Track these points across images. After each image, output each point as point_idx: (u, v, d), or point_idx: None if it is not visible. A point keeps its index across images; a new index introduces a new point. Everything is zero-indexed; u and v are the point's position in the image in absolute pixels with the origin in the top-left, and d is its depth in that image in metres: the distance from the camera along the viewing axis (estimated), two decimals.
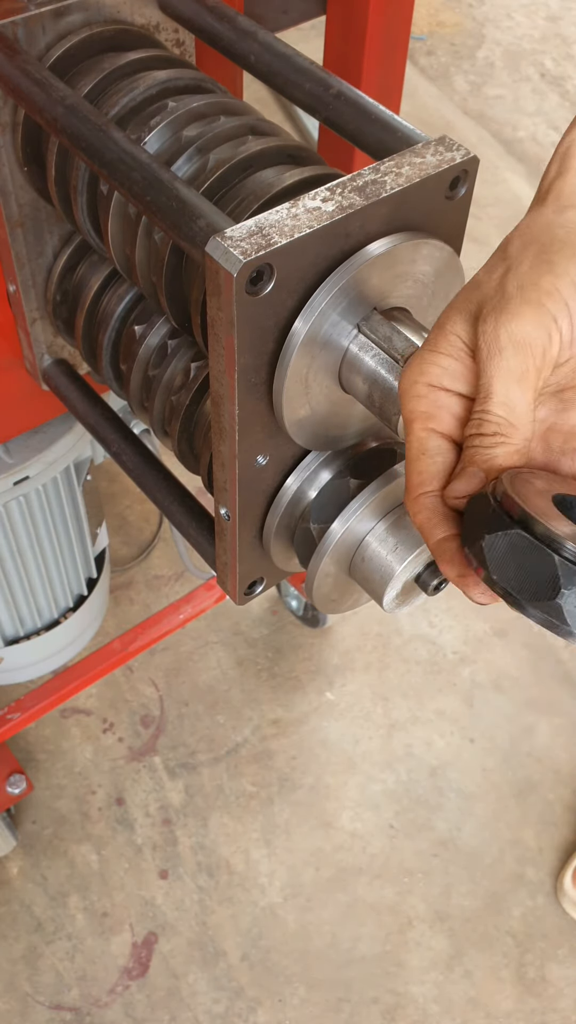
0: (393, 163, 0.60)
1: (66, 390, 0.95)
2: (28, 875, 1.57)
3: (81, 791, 1.65)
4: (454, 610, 1.90)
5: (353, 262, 0.58)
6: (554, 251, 0.51)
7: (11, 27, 0.75)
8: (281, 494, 0.69)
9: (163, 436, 0.83)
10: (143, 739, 1.71)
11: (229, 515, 0.69)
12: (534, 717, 1.78)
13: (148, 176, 0.63)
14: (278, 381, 0.60)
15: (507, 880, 1.61)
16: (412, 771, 1.71)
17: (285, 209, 0.57)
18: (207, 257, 0.55)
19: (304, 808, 1.66)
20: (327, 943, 1.54)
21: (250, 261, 0.54)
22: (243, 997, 1.49)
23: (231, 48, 0.77)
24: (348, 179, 0.59)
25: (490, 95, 2.99)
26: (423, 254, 0.62)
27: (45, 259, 0.88)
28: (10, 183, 0.81)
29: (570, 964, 1.54)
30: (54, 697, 1.40)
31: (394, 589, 0.67)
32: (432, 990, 1.51)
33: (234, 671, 1.79)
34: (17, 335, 0.95)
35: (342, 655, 1.83)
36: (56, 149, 0.76)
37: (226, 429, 0.63)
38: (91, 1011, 1.47)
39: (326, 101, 0.71)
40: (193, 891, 1.57)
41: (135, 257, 0.72)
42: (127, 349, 0.82)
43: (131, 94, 0.74)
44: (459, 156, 0.61)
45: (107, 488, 1.99)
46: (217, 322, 0.57)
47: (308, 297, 0.59)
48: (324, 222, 0.56)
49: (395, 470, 0.67)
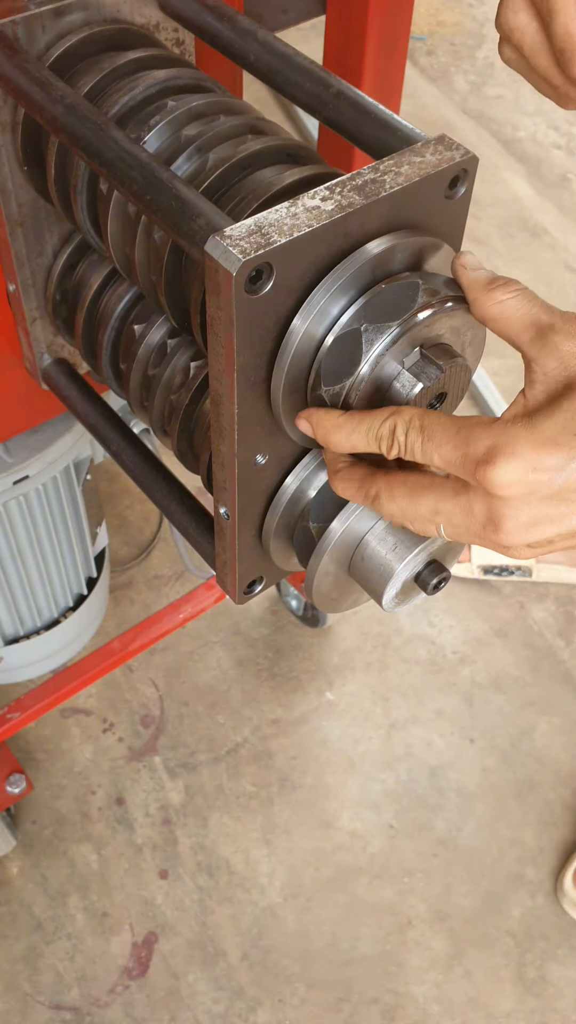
0: (392, 162, 0.60)
1: (66, 389, 0.95)
2: (28, 875, 1.57)
3: (81, 791, 1.65)
4: (454, 610, 1.90)
5: (352, 260, 0.58)
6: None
7: (11, 26, 0.75)
8: (280, 493, 0.69)
9: (162, 435, 0.83)
10: (143, 739, 1.71)
11: (228, 514, 0.69)
12: (534, 717, 1.78)
13: (147, 175, 0.63)
14: (276, 379, 0.60)
15: (507, 880, 1.61)
16: (412, 771, 1.71)
17: (284, 208, 0.57)
18: (206, 256, 0.55)
19: (304, 808, 1.66)
20: (327, 943, 1.54)
21: (249, 260, 0.54)
22: (243, 997, 1.49)
23: (231, 47, 0.77)
24: (347, 178, 0.59)
25: (490, 95, 2.99)
26: (423, 253, 0.62)
27: (45, 258, 0.88)
28: (10, 182, 0.81)
29: (570, 964, 1.54)
30: (54, 697, 1.40)
31: (393, 588, 0.67)
32: (432, 990, 1.51)
33: (234, 671, 1.80)
34: (17, 334, 0.96)
35: (342, 655, 1.83)
36: (56, 148, 0.76)
37: (225, 428, 0.63)
38: (91, 1011, 1.47)
39: (326, 100, 0.71)
40: (193, 891, 1.57)
41: (135, 256, 0.72)
42: (127, 348, 0.82)
43: (131, 93, 0.74)
44: (458, 155, 0.61)
45: (107, 488, 1.99)
46: (216, 321, 0.57)
47: (307, 296, 0.59)
48: (323, 221, 0.56)
49: None
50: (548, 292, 2.45)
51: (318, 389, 0.60)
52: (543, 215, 2.64)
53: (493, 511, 0.53)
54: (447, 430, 0.54)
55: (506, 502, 0.52)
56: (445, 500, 0.55)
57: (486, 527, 0.53)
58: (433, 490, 0.56)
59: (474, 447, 0.52)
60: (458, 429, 0.53)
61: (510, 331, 0.56)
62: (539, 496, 0.51)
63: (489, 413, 2.17)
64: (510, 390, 2.23)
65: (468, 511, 0.54)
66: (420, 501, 0.56)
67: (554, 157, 2.81)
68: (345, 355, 0.59)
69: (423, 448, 0.55)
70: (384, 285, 0.59)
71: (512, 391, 2.23)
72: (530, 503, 0.51)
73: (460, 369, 0.60)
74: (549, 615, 1.90)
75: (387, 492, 0.58)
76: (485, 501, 0.53)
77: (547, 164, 2.79)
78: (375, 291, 0.59)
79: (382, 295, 0.59)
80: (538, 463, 0.50)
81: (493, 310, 0.56)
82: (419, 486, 0.57)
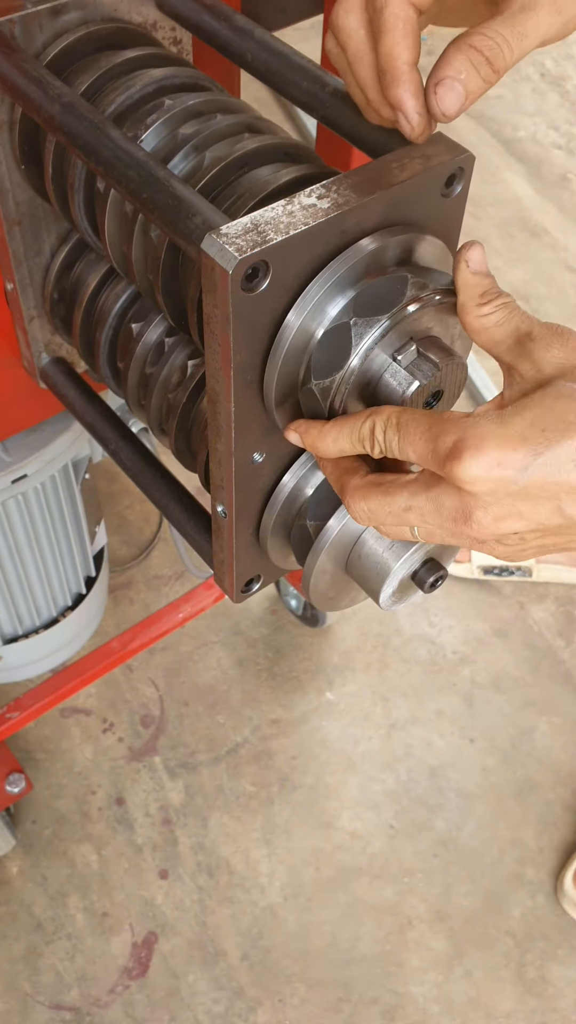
0: (389, 161, 0.60)
1: (64, 388, 0.95)
2: (28, 875, 1.57)
3: (81, 791, 1.65)
4: (454, 609, 1.90)
5: (347, 256, 0.58)
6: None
7: (8, 25, 0.75)
8: (277, 491, 0.69)
9: (160, 434, 0.83)
10: (143, 739, 1.71)
11: (226, 513, 0.69)
12: (534, 717, 1.78)
13: (144, 174, 0.63)
14: (269, 374, 0.60)
15: (507, 880, 1.61)
16: (412, 771, 1.71)
17: (281, 206, 0.57)
18: (203, 254, 0.55)
19: (304, 808, 1.66)
20: (327, 943, 1.54)
21: (245, 258, 0.54)
22: (243, 997, 1.49)
23: (228, 46, 0.77)
24: (344, 176, 0.59)
25: (490, 95, 2.99)
26: (416, 249, 0.62)
27: (42, 257, 0.88)
28: (7, 181, 0.81)
29: (570, 964, 1.54)
30: (53, 696, 1.41)
31: (391, 586, 0.67)
32: (432, 990, 1.51)
33: (234, 671, 1.79)
34: (15, 333, 0.96)
35: (342, 655, 1.83)
36: (53, 147, 0.76)
37: (222, 426, 0.63)
38: (91, 1011, 1.47)
39: (323, 99, 0.71)
40: (193, 891, 1.57)
41: (132, 255, 0.72)
42: (124, 347, 0.82)
43: (128, 92, 0.74)
44: (455, 154, 0.61)
45: (106, 488, 1.99)
46: (213, 319, 0.57)
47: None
48: (320, 219, 0.56)
49: None
50: (548, 292, 2.45)
51: (308, 383, 0.60)
52: (543, 215, 2.64)
53: (463, 504, 0.53)
54: (420, 425, 0.54)
55: (475, 496, 0.52)
56: (416, 495, 0.55)
57: (456, 520, 0.54)
58: (406, 487, 0.56)
59: (443, 441, 0.52)
60: (430, 424, 0.54)
61: (490, 343, 0.57)
62: (506, 491, 0.51)
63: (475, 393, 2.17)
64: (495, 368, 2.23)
65: (439, 504, 0.54)
66: (392, 499, 0.57)
67: (554, 157, 2.81)
68: (335, 349, 0.59)
69: (400, 444, 0.55)
70: (373, 279, 0.59)
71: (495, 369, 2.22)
72: (498, 497, 0.52)
73: (456, 367, 0.60)
74: (549, 615, 1.90)
75: (360, 492, 0.58)
76: (454, 495, 0.53)
77: (547, 164, 2.79)
78: (364, 285, 0.59)
79: (371, 289, 0.59)
80: (504, 459, 0.51)
81: (475, 323, 0.57)
82: (392, 485, 0.57)
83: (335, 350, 0.59)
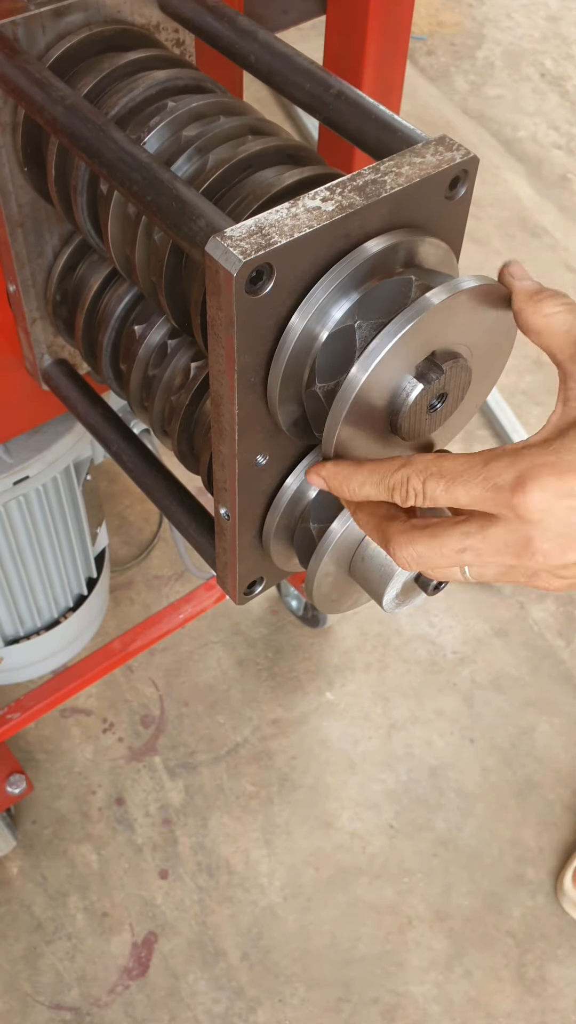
0: (393, 163, 0.60)
1: (66, 390, 0.95)
2: (28, 875, 1.57)
3: (81, 791, 1.65)
4: (454, 610, 1.90)
5: (352, 258, 0.58)
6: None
7: (11, 27, 0.75)
8: (281, 494, 0.69)
9: (163, 436, 0.83)
10: (143, 739, 1.71)
11: (229, 515, 0.69)
12: (534, 717, 1.78)
13: (148, 176, 0.63)
14: (273, 377, 0.60)
15: (507, 880, 1.61)
16: (412, 771, 1.71)
17: (285, 209, 0.57)
18: (207, 257, 0.55)
19: (304, 808, 1.66)
20: (327, 943, 1.54)
21: (250, 261, 0.54)
22: (243, 997, 1.49)
23: (231, 48, 0.77)
24: (348, 179, 0.59)
25: (490, 95, 3.00)
26: (420, 251, 0.62)
27: (45, 259, 0.88)
28: (10, 183, 0.81)
29: (570, 964, 1.54)
30: (54, 697, 1.40)
31: (394, 589, 0.67)
32: (432, 990, 1.51)
33: (234, 671, 1.80)
34: (17, 335, 0.96)
35: (342, 655, 1.83)
36: (56, 149, 0.76)
37: (226, 429, 0.63)
38: (91, 1011, 1.47)
39: (326, 101, 0.71)
40: (193, 891, 1.57)
41: (135, 257, 0.72)
42: (127, 349, 0.82)
43: (131, 94, 0.74)
44: (459, 156, 0.61)
45: (107, 488, 1.99)
46: (217, 322, 0.57)
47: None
48: (324, 222, 0.56)
49: None
50: None
51: (313, 385, 0.60)
52: (543, 215, 2.64)
53: (527, 536, 0.53)
54: (472, 467, 0.54)
55: (540, 527, 0.52)
56: (471, 536, 0.55)
57: (519, 554, 0.54)
58: (456, 528, 0.56)
59: (503, 477, 0.52)
60: (484, 464, 0.53)
61: (552, 345, 0.56)
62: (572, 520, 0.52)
63: (489, 414, 2.17)
64: (509, 390, 2.23)
65: (498, 542, 0.54)
66: (443, 541, 0.56)
67: (554, 157, 2.81)
68: (339, 352, 0.59)
69: (447, 490, 0.55)
70: (377, 282, 0.59)
71: (511, 390, 2.23)
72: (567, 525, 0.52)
73: (461, 369, 0.60)
74: (549, 615, 1.90)
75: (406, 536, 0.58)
76: (516, 528, 0.53)
77: (547, 164, 2.79)
78: (368, 288, 0.59)
79: (376, 292, 0.59)
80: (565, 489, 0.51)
81: (539, 323, 0.57)
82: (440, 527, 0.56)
83: (339, 353, 0.59)
